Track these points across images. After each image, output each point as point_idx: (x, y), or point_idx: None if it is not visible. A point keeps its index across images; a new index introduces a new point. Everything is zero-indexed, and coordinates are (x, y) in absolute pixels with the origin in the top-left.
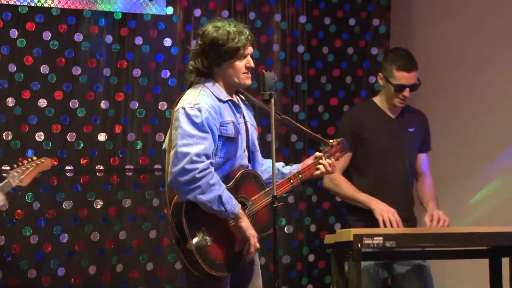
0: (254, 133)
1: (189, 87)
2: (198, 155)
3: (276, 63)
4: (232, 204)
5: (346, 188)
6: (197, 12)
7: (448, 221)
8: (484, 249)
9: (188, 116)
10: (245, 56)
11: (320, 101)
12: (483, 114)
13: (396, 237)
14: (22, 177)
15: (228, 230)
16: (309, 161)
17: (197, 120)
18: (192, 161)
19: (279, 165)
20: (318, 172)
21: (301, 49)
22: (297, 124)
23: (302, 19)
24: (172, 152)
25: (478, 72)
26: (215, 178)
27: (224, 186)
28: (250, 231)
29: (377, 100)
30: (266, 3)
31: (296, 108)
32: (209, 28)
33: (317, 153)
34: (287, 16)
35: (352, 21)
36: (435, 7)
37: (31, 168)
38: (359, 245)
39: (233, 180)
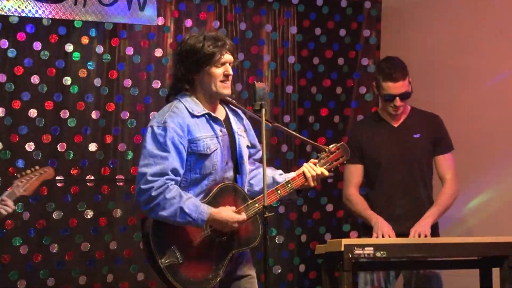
0: (242, 144)
1: (166, 100)
2: (153, 174)
3: (267, 73)
4: (199, 211)
5: (357, 204)
6: (188, 23)
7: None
8: (474, 259)
9: (154, 135)
10: (222, 64)
11: (310, 111)
12: (475, 122)
13: (386, 247)
14: (26, 186)
15: (202, 245)
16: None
17: (161, 140)
18: (147, 181)
19: (276, 173)
20: (306, 181)
21: (291, 59)
22: (289, 130)
23: (293, 29)
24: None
25: (469, 81)
26: (173, 192)
27: (186, 197)
28: (230, 222)
29: (380, 110)
30: (257, 13)
31: (286, 118)
32: (187, 37)
33: (312, 160)
34: (277, 27)
35: (342, 32)
36: (425, 18)
37: (35, 178)
38: (350, 255)
39: (210, 195)
